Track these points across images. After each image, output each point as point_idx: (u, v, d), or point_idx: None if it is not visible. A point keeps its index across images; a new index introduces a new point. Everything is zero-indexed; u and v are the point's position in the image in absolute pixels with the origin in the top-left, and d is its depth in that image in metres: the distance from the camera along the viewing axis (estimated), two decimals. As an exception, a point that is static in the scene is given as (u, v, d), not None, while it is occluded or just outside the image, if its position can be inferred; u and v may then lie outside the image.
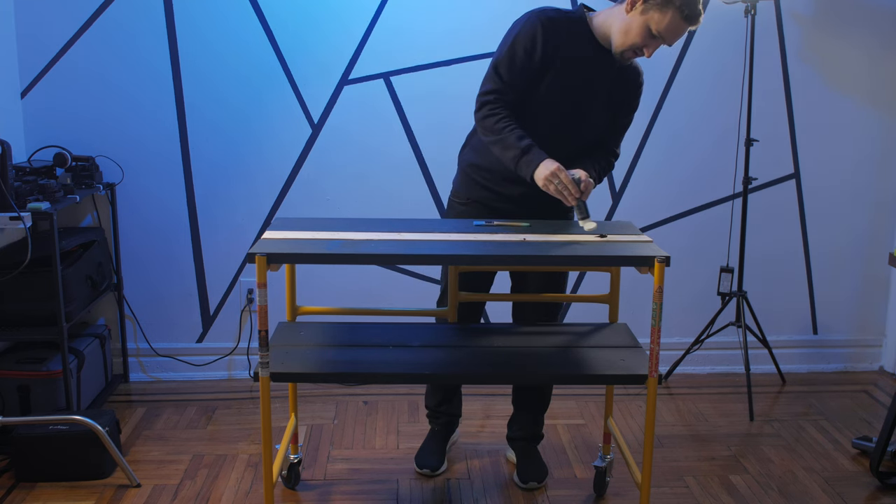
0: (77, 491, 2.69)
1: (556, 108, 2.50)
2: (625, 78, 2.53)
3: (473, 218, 2.62)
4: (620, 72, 2.51)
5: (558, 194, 2.36)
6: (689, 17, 2.35)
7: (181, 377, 3.64)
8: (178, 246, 3.55)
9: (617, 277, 2.62)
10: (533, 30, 2.41)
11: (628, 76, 2.54)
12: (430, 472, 2.82)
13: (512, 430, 2.90)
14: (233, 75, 3.43)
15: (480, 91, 2.51)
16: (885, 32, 3.58)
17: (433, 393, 2.90)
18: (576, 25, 2.46)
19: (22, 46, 3.34)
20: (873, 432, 3.13)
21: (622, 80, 2.53)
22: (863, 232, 3.76)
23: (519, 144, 2.39)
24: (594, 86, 2.49)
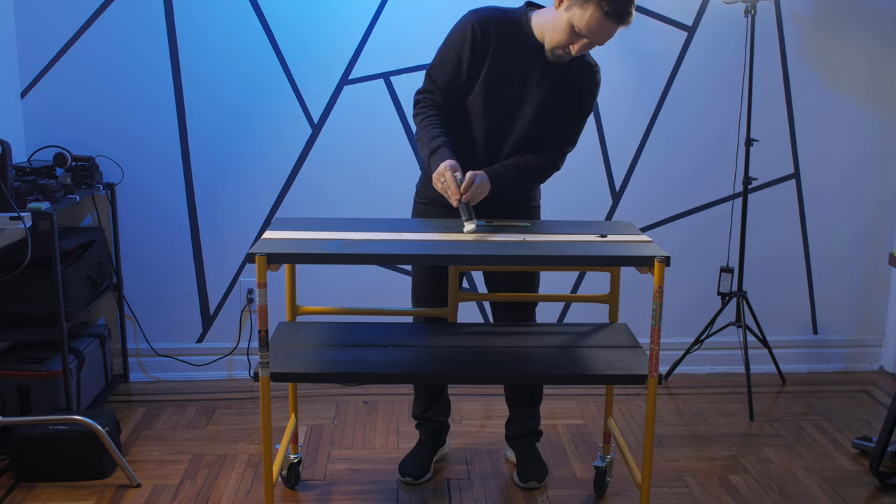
0: (77, 491, 2.69)
1: (490, 107, 2.47)
2: (572, 76, 2.46)
3: (433, 216, 2.60)
4: (567, 69, 2.44)
5: (444, 192, 2.37)
6: (610, 13, 2.22)
7: (181, 377, 3.64)
8: (178, 246, 3.55)
9: (617, 277, 2.62)
10: (463, 31, 2.46)
11: (577, 74, 2.46)
12: (412, 481, 2.76)
13: (509, 430, 2.89)
14: (233, 75, 3.43)
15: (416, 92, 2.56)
16: (885, 32, 3.58)
17: (417, 400, 2.87)
18: (512, 24, 2.43)
19: (22, 46, 3.34)
20: (873, 432, 3.13)
21: (568, 78, 2.45)
22: (863, 232, 3.76)
23: (430, 144, 2.43)
24: (530, 83, 2.45)
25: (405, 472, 2.78)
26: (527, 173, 2.52)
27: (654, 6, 3.48)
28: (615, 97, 3.55)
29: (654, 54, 3.54)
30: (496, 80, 2.45)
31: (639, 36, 3.50)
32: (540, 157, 2.53)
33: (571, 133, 2.56)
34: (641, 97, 3.57)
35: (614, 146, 3.61)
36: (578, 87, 2.48)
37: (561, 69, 2.44)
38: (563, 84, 2.46)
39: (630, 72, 3.54)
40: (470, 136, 2.51)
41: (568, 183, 3.54)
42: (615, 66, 3.52)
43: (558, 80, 2.45)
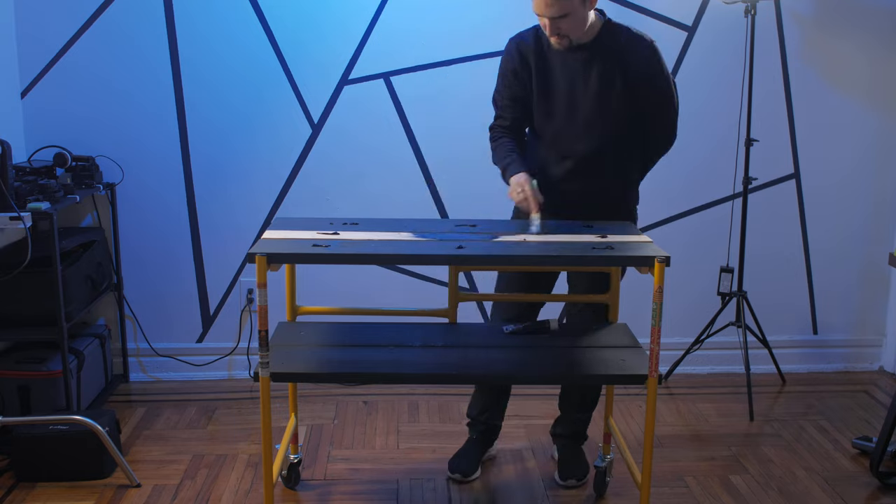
0: (77, 491, 2.69)
1: (553, 114, 2.55)
2: (623, 56, 2.48)
3: None
4: (612, 53, 2.47)
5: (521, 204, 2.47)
6: None
7: (181, 377, 3.64)
8: (178, 246, 3.55)
9: (617, 277, 2.62)
10: (508, 53, 2.58)
11: (626, 53, 2.48)
12: (461, 478, 2.77)
13: (555, 427, 2.92)
14: (233, 75, 3.43)
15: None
16: (885, 32, 3.58)
17: (476, 402, 2.88)
18: (541, 38, 2.53)
19: (22, 46, 3.34)
20: (873, 432, 3.13)
21: (619, 61, 2.48)
22: (863, 232, 3.76)
23: (502, 163, 2.56)
24: (579, 79, 2.50)
25: (455, 469, 2.79)
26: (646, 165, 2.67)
27: (654, 6, 3.48)
28: (615, 97, 3.55)
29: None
30: (547, 93, 2.53)
31: (639, 36, 3.50)
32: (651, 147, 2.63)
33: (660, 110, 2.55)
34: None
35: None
36: (633, 65, 2.48)
37: (607, 57, 2.47)
38: (622, 65, 2.48)
39: (630, 72, 3.54)
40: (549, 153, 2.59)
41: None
42: (615, 66, 3.52)
43: (614, 65, 2.48)
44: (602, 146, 2.55)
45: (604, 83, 2.48)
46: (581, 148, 2.55)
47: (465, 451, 2.85)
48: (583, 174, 2.58)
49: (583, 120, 2.53)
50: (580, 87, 2.50)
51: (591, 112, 2.51)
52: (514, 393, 3.48)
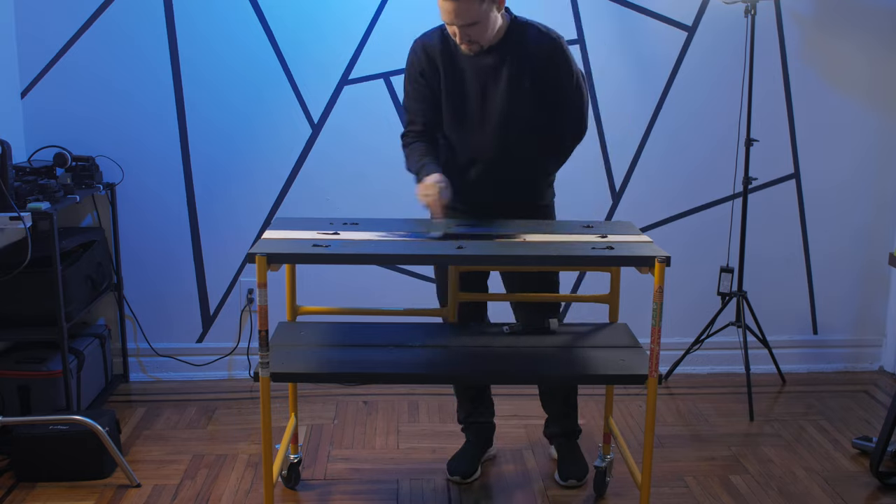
0: (77, 491, 2.69)
1: (463, 114, 2.54)
2: (530, 55, 2.47)
3: None
4: (520, 53, 2.46)
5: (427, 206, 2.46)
6: None
7: (181, 377, 3.64)
8: (178, 246, 3.55)
9: (617, 277, 2.62)
10: (414, 56, 2.58)
11: (533, 51, 2.47)
12: (461, 479, 2.78)
13: (547, 428, 2.92)
14: (233, 75, 3.43)
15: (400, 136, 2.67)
16: (885, 32, 3.58)
17: (460, 405, 2.89)
18: (447, 38, 2.51)
19: (22, 46, 3.34)
20: (873, 432, 3.13)
21: (527, 59, 2.47)
22: (863, 232, 3.76)
23: (415, 166, 2.54)
24: (490, 81, 2.48)
25: (453, 471, 2.79)
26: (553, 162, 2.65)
27: (654, 6, 3.48)
28: (615, 97, 3.55)
29: (654, 54, 3.54)
30: (457, 95, 2.52)
31: (639, 36, 3.50)
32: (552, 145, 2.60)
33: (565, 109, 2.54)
34: (641, 97, 3.57)
35: (614, 146, 3.61)
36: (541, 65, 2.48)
37: (515, 57, 2.46)
38: (528, 64, 2.47)
39: (630, 72, 3.54)
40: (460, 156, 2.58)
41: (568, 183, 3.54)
42: (615, 66, 3.52)
43: (520, 64, 2.47)
44: (513, 146, 2.54)
45: (513, 83, 2.47)
46: (492, 149, 2.54)
47: (462, 453, 2.85)
48: (495, 175, 2.57)
49: (494, 121, 2.51)
50: (491, 88, 2.49)
51: (502, 113, 2.50)
52: (514, 393, 3.49)
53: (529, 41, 2.47)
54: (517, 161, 2.56)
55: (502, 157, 2.55)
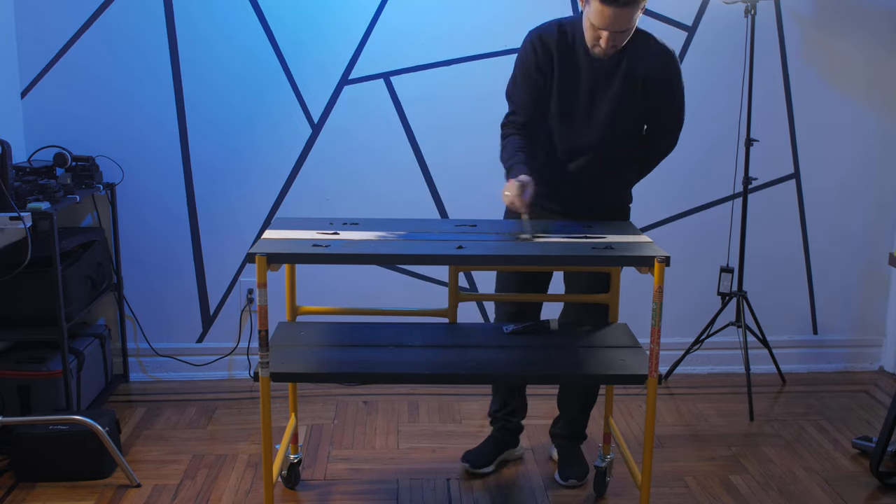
0: (77, 491, 2.69)
1: (570, 111, 2.52)
2: (647, 64, 2.46)
3: None
4: (637, 60, 2.45)
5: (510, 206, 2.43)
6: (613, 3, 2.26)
7: (181, 377, 3.64)
8: (178, 246, 3.55)
9: (617, 277, 2.62)
10: (526, 50, 2.53)
11: (651, 61, 2.47)
12: (469, 468, 2.81)
13: (554, 428, 2.93)
14: (233, 75, 3.43)
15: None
16: (885, 32, 3.58)
17: (494, 399, 2.90)
18: (569, 34, 2.49)
19: (22, 46, 3.34)
20: (873, 432, 3.13)
21: (643, 67, 2.46)
22: (863, 232, 3.76)
23: (507, 164, 2.53)
24: (602, 81, 2.48)
25: (465, 459, 2.83)
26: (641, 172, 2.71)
27: (654, 6, 3.48)
28: (615, 97, 3.55)
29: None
30: (568, 91, 2.50)
31: (639, 36, 3.50)
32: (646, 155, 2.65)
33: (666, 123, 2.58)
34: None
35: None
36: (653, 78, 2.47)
37: (631, 63, 2.45)
38: (636, 76, 2.46)
39: (630, 72, 3.54)
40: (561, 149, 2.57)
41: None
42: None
43: (629, 75, 2.46)
44: (611, 149, 2.55)
45: (625, 88, 2.47)
46: (592, 148, 2.54)
47: (482, 445, 2.88)
48: (588, 175, 2.58)
49: (599, 122, 2.51)
50: (601, 89, 2.48)
51: (608, 115, 2.50)
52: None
53: (647, 50, 2.46)
54: (612, 163, 2.58)
55: (600, 158, 2.55)
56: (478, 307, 3.70)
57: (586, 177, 2.58)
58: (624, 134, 2.55)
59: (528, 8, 3.44)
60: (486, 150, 3.56)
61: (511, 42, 3.46)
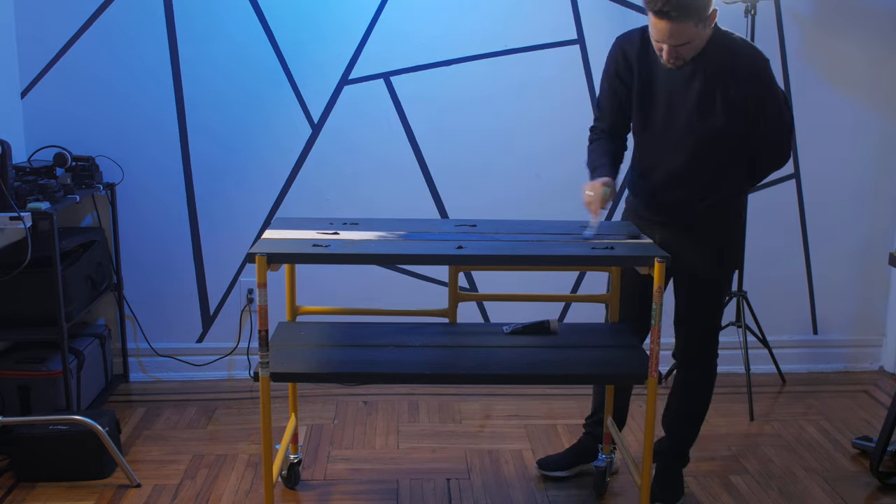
0: (77, 491, 2.69)
1: (650, 120, 2.47)
2: (727, 72, 2.33)
3: None
4: (717, 68, 2.33)
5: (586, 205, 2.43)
6: (655, 12, 2.21)
7: (181, 377, 3.64)
8: (177, 246, 3.55)
9: (617, 277, 2.62)
10: (613, 55, 2.50)
11: (731, 69, 2.33)
12: (539, 469, 2.81)
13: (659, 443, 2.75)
14: (232, 75, 3.43)
15: None
16: (885, 32, 3.58)
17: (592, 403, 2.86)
18: (646, 41, 2.40)
19: (22, 46, 3.34)
20: (873, 432, 3.13)
21: (723, 76, 2.34)
22: (863, 232, 3.76)
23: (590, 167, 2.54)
24: (680, 91, 2.39)
25: (539, 460, 2.85)
26: None
27: (654, 6, 3.48)
28: (615, 97, 3.55)
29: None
30: (646, 101, 2.46)
31: (639, 36, 3.50)
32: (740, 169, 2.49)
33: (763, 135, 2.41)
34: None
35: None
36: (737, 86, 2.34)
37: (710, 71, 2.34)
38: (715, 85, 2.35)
39: (630, 72, 3.54)
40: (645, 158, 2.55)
41: (568, 183, 3.55)
42: (615, 66, 3.52)
43: (708, 85, 2.35)
44: (697, 157, 2.43)
45: (703, 98, 2.36)
46: (674, 157, 2.45)
47: (565, 450, 2.87)
48: (676, 181, 2.48)
49: (678, 131, 2.42)
50: (679, 98, 2.39)
51: (687, 125, 2.40)
52: (514, 393, 3.50)
53: (730, 58, 2.34)
54: (701, 172, 2.45)
55: (685, 166, 2.45)
56: (478, 307, 3.70)
57: (673, 183, 2.49)
58: (707, 144, 2.41)
59: (527, 8, 3.44)
60: (487, 151, 3.57)
61: (511, 42, 3.46)
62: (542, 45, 3.48)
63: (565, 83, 3.52)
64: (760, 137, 2.42)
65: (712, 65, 2.34)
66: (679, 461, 2.73)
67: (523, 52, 3.48)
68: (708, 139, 2.41)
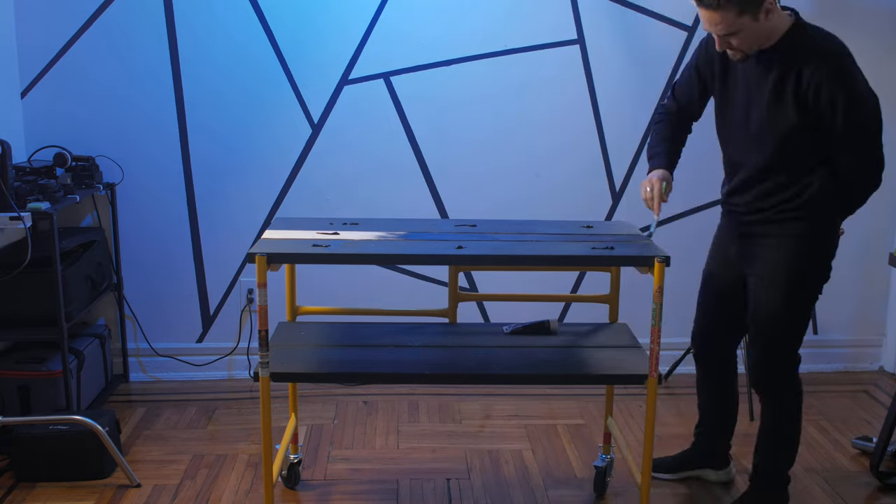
0: (77, 491, 2.69)
1: (730, 119, 2.43)
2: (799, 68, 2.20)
3: None
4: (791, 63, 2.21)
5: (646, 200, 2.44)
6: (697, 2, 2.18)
7: (181, 377, 3.64)
8: (177, 246, 3.55)
9: (617, 277, 2.62)
10: (700, 48, 2.49)
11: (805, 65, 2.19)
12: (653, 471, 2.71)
13: None
14: (232, 75, 3.43)
15: None
16: (885, 33, 3.58)
17: None
18: None
19: (22, 46, 3.34)
20: (873, 432, 3.13)
21: (795, 72, 2.21)
22: (863, 232, 3.76)
23: (649, 153, 2.54)
24: (755, 87, 2.31)
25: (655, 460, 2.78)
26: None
27: (653, 6, 3.48)
28: (615, 97, 3.55)
29: (654, 54, 3.54)
30: (725, 98, 2.43)
31: (639, 36, 3.50)
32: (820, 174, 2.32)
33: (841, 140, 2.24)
34: (642, 97, 3.56)
35: (614, 146, 3.61)
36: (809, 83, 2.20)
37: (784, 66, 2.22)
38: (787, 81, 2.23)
39: (630, 72, 3.54)
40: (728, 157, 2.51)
41: (568, 183, 3.55)
42: (615, 66, 3.52)
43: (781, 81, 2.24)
44: (772, 162, 2.33)
45: (775, 95, 2.25)
46: (752, 158, 2.37)
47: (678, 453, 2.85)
48: (754, 183, 2.39)
49: (754, 131, 2.33)
50: (755, 97, 2.31)
51: (763, 125, 2.30)
52: (514, 393, 3.50)
53: (805, 52, 2.20)
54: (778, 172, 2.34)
55: (761, 165, 2.35)
56: (478, 307, 3.70)
57: (751, 185, 2.40)
58: (782, 148, 2.29)
59: (527, 8, 3.44)
60: (487, 151, 3.57)
61: (510, 42, 3.46)
62: (542, 45, 3.48)
63: (565, 83, 3.53)
64: (841, 142, 2.23)
65: (786, 60, 2.23)
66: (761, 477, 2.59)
67: (523, 52, 3.48)
68: (782, 138, 2.28)
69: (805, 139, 2.28)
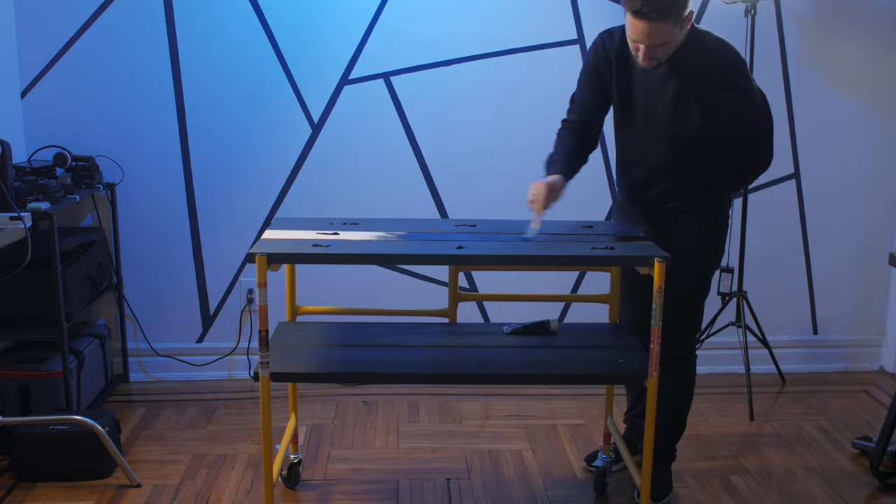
0: (77, 491, 2.69)
1: (628, 118, 2.46)
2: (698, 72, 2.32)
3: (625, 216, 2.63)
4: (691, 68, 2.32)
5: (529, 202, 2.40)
6: (634, 12, 2.20)
7: (181, 377, 3.64)
8: (177, 246, 3.55)
9: (617, 277, 2.62)
10: (594, 50, 2.50)
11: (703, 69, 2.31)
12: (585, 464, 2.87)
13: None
14: (232, 75, 3.43)
15: None
16: (885, 32, 3.58)
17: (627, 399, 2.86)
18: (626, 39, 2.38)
19: (22, 46, 3.34)
20: (873, 432, 3.13)
21: (695, 75, 2.32)
22: (863, 232, 3.76)
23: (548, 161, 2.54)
24: (652, 89, 2.39)
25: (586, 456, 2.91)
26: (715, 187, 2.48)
27: (654, 6, 3.48)
28: (615, 97, 3.55)
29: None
30: (624, 98, 2.45)
31: (639, 36, 3.50)
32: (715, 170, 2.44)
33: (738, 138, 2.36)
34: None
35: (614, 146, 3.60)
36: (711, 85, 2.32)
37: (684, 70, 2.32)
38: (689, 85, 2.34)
39: (630, 72, 3.54)
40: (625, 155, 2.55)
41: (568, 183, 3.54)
42: (615, 66, 3.52)
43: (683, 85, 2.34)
44: (675, 156, 2.43)
45: (678, 97, 2.35)
46: (652, 155, 2.46)
47: None
48: (656, 180, 2.48)
49: (655, 130, 2.42)
50: (655, 97, 2.39)
51: (663, 124, 2.39)
52: (514, 393, 3.50)
53: (704, 59, 2.32)
54: (679, 171, 2.45)
55: (663, 165, 2.45)
56: (478, 307, 3.70)
57: (652, 182, 2.49)
58: (685, 145, 2.40)
59: (527, 8, 3.44)
60: (487, 151, 3.57)
61: (510, 42, 3.46)
62: (542, 45, 3.48)
63: (565, 83, 3.49)
64: (739, 139, 2.37)
65: (687, 66, 2.33)
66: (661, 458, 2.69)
67: (523, 52, 3.48)
68: (685, 140, 2.40)
69: (704, 141, 2.39)
